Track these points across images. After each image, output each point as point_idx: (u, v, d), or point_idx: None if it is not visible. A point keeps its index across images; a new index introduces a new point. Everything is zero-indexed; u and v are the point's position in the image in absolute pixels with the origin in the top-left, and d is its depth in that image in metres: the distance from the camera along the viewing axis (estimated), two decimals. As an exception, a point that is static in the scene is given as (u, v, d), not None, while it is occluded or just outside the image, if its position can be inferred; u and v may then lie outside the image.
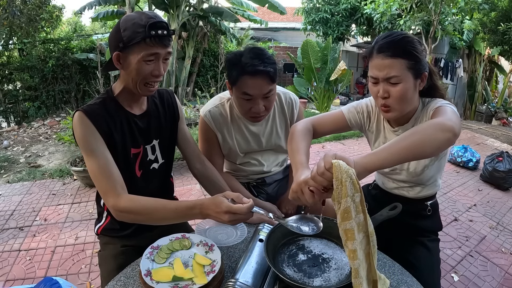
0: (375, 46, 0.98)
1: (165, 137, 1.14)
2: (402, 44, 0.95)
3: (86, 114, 0.93)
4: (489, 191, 3.26)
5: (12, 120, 6.42)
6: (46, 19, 6.58)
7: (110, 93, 1.02)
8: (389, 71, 0.94)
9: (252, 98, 1.15)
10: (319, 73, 7.61)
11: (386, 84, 0.96)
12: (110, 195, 0.90)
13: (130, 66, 0.93)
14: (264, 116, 1.24)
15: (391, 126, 1.12)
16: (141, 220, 0.93)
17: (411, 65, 0.94)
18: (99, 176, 0.91)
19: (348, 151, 4.36)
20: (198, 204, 0.85)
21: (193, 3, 6.40)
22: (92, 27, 15.75)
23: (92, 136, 0.93)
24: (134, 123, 1.03)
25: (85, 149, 0.93)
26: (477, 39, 7.27)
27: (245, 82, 1.12)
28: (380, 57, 0.95)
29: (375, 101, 1.04)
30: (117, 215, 0.91)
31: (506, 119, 7.03)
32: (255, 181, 1.50)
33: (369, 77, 1.00)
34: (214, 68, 7.89)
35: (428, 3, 5.28)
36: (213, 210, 0.82)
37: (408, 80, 0.95)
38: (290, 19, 13.25)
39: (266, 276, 0.82)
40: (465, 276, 1.99)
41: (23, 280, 1.88)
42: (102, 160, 0.92)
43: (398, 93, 0.95)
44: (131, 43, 0.89)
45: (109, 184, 0.91)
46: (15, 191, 3.11)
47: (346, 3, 7.86)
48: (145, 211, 0.89)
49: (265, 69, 1.10)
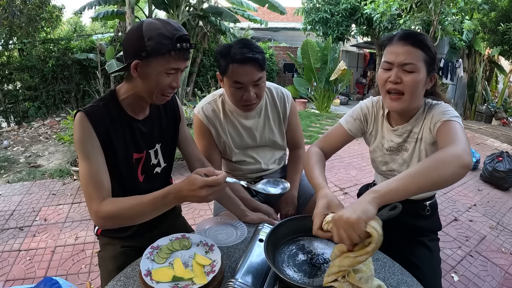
0: (396, 35, 1.01)
1: (167, 140, 1.13)
2: (422, 38, 0.98)
3: (87, 116, 0.91)
4: (489, 191, 3.26)
5: (12, 120, 6.43)
6: (46, 19, 6.58)
7: (114, 96, 0.99)
8: (406, 57, 0.96)
9: (243, 86, 1.19)
10: (319, 73, 7.62)
11: (400, 70, 0.98)
12: (94, 201, 0.88)
13: (150, 76, 0.91)
14: (256, 105, 1.28)
15: (391, 125, 1.12)
16: (123, 221, 0.89)
17: (427, 59, 0.98)
18: (88, 181, 0.89)
19: (348, 151, 4.36)
20: (172, 189, 0.82)
21: (193, 3, 6.40)
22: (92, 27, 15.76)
23: (89, 140, 0.91)
24: (137, 128, 1.02)
25: (80, 151, 0.92)
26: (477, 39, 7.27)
27: (235, 71, 1.16)
28: (401, 44, 0.98)
29: (382, 89, 1.04)
30: (99, 223, 0.89)
31: (506, 119, 7.04)
32: (253, 180, 1.50)
33: (383, 62, 1.02)
34: (214, 68, 7.89)
35: (428, 3, 5.27)
36: (188, 189, 0.79)
37: (421, 72, 0.97)
38: (290, 19, 13.25)
39: (266, 276, 0.82)
40: (465, 276, 1.99)
41: (23, 280, 1.88)
42: (94, 166, 0.91)
43: (411, 82, 0.97)
44: (154, 54, 0.87)
45: (95, 191, 0.89)
46: (15, 191, 3.11)
47: (346, 3, 7.86)
48: (123, 211, 0.86)
49: (253, 56, 1.14)
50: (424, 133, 1.06)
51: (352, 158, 4.10)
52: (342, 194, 3.08)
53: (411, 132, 1.09)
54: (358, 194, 1.51)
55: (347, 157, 4.13)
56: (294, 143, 1.54)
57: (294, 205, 1.43)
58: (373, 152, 1.20)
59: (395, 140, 1.12)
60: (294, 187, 1.45)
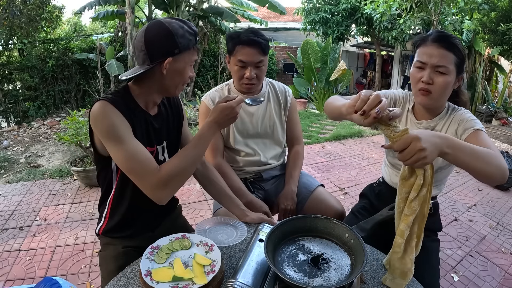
0: (430, 36, 1.05)
1: (172, 138, 1.15)
2: (456, 42, 1.04)
3: (111, 103, 0.92)
4: (489, 191, 3.26)
5: (12, 120, 6.43)
6: (46, 19, 6.58)
7: (128, 92, 1.01)
8: (440, 60, 1.02)
9: (245, 65, 1.33)
10: (319, 73, 7.62)
11: (433, 71, 1.03)
12: (149, 174, 0.90)
13: (178, 70, 0.97)
14: (255, 85, 1.40)
15: (416, 118, 1.18)
16: (184, 175, 0.95)
17: (458, 62, 1.04)
18: (133, 160, 0.90)
19: (348, 151, 4.36)
20: (209, 123, 0.98)
21: (193, 3, 6.40)
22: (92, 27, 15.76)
23: (121, 123, 0.92)
24: (150, 123, 1.04)
25: (113, 136, 0.90)
26: (477, 39, 7.26)
27: (240, 51, 1.31)
28: (435, 46, 1.03)
29: (414, 87, 1.09)
30: (160, 194, 0.92)
31: (506, 119, 7.03)
32: (252, 176, 1.51)
33: (416, 61, 1.07)
34: (214, 68, 7.89)
35: (428, 3, 5.27)
36: (224, 115, 0.97)
37: (452, 74, 1.04)
38: (290, 19, 13.25)
39: (266, 276, 0.82)
40: (465, 276, 1.99)
41: (23, 280, 1.88)
42: (133, 144, 0.91)
43: (442, 83, 1.03)
44: (184, 50, 0.95)
45: (146, 164, 0.91)
46: (15, 191, 3.11)
47: (346, 3, 7.86)
48: (182, 163, 0.93)
49: (257, 40, 1.30)
50: (448, 133, 1.11)
51: (352, 158, 4.10)
52: (342, 194, 3.08)
53: (433, 129, 1.14)
54: (361, 194, 1.51)
55: (347, 157, 4.13)
56: (293, 138, 1.58)
57: (293, 201, 1.43)
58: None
59: None
60: (294, 182, 1.47)
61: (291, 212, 1.42)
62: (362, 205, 1.42)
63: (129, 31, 4.93)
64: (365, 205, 1.40)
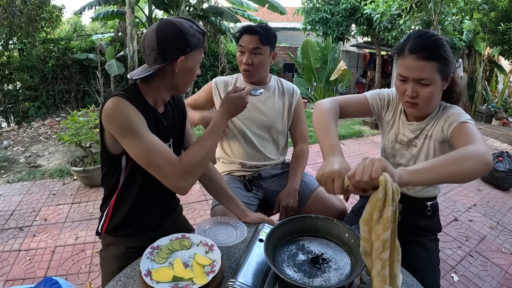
0: (407, 45, 0.98)
1: (177, 136, 1.16)
2: (435, 47, 0.96)
3: (126, 99, 0.93)
4: (489, 191, 3.26)
5: (12, 120, 6.43)
6: (46, 19, 6.59)
7: (137, 90, 1.02)
8: (420, 73, 0.95)
9: (243, 50, 1.42)
10: (319, 73, 7.62)
11: (416, 84, 0.98)
12: (170, 166, 0.92)
13: (189, 68, 1.00)
14: (251, 73, 1.45)
15: (407, 119, 1.16)
16: (203, 162, 0.99)
17: (441, 67, 0.96)
18: (152, 153, 0.91)
19: (348, 151, 4.36)
20: (221, 113, 1.03)
21: (193, 3, 6.40)
22: (92, 27, 15.75)
23: (137, 116, 0.93)
24: (159, 120, 1.05)
25: (129, 130, 0.91)
26: (477, 39, 7.27)
27: (242, 38, 1.43)
28: (413, 58, 0.96)
29: (401, 98, 1.06)
30: (183, 183, 0.94)
31: (506, 119, 7.03)
32: (251, 175, 1.51)
33: (398, 74, 1.02)
34: (214, 68, 7.89)
35: (428, 3, 5.27)
36: (235, 105, 1.03)
37: (437, 82, 0.98)
38: (290, 19, 13.26)
39: (266, 276, 0.82)
40: (465, 276, 1.99)
41: (23, 280, 1.88)
42: (150, 137, 0.93)
43: (427, 94, 0.98)
44: (196, 48, 0.98)
45: (166, 156, 0.93)
46: (15, 191, 3.11)
47: (346, 3, 7.86)
48: (201, 153, 0.97)
49: (257, 29, 1.40)
50: (434, 131, 1.09)
51: (352, 158, 4.10)
52: (342, 194, 3.08)
53: (424, 129, 1.12)
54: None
55: (347, 157, 4.12)
56: (299, 136, 1.59)
57: (295, 198, 1.43)
58: (386, 141, 1.23)
59: (408, 135, 1.15)
60: (296, 180, 1.47)
61: (293, 210, 1.42)
62: (362, 204, 1.42)
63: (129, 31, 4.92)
64: (365, 204, 1.40)
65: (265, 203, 1.55)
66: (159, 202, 1.14)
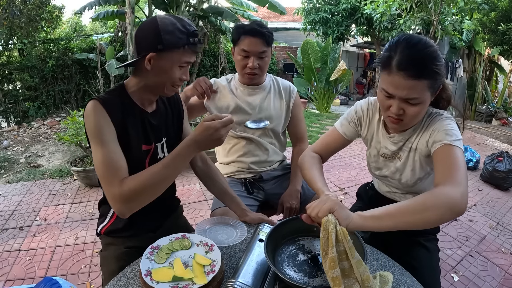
0: (394, 59, 0.85)
1: (172, 135, 1.15)
2: (428, 62, 0.85)
3: (101, 103, 0.92)
4: (489, 191, 3.26)
5: (12, 120, 6.42)
6: (46, 19, 6.58)
7: (124, 89, 1.01)
8: (409, 93, 0.86)
9: (248, 55, 1.35)
10: (319, 73, 7.62)
11: (403, 102, 0.89)
12: (114, 185, 0.86)
13: (163, 68, 0.94)
14: (257, 76, 1.41)
15: (387, 132, 1.09)
16: (148, 194, 0.88)
17: (432, 84, 0.87)
18: (105, 166, 0.88)
19: (348, 151, 4.36)
20: (188, 142, 0.88)
21: (193, 3, 6.39)
22: (92, 27, 15.75)
23: (106, 126, 0.91)
24: (147, 120, 1.03)
25: (95, 138, 0.90)
26: (477, 39, 7.27)
27: (244, 40, 1.34)
28: (402, 76, 0.84)
29: (383, 112, 0.97)
30: (121, 207, 0.87)
31: (506, 119, 7.03)
32: (252, 177, 1.51)
33: (382, 89, 0.91)
34: (214, 68, 7.89)
35: (428, 3, 5.27)
36: (206, 135, 0.85)
37: (427, 99, 0.90)
38: (290, 19, 13.25)
39: (266, 276, 0.82)
40: (465, 276, 1.99)
41: (23, 280, 1.88)
42: (111, 150, 0.90)
43: (414, 113, 0.90)
44: (170, 48, 0.91)
45: (115, 173, 0.88)
46: (15, 191, 3.11)
47: (346, 3, 7.86)
48: (147, 182, 0.86)
49: (261, 30, 1.32)
50: (419, 145, 1.02)
51: (352, 158, 4.10)
52: (342, 194, 3.08)
53: (407, 141, 1.06)
54: (357, 194, 1.51)
55: (347, 157, 4.13)
56: (297, 136, 1.58)
57: (298, 200, 1.43)
58: (369, 155, 1.20)
59: (390, 148, 1.10)
60: (298, 181, 1.47)
61: (296, 212, 1.42)
62: (359, 206, 1.42)
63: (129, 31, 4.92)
64: (361, 206, 1.40)
65: (266, 204, 1.55)
66: (158, 203, 1.13)
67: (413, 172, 1.08)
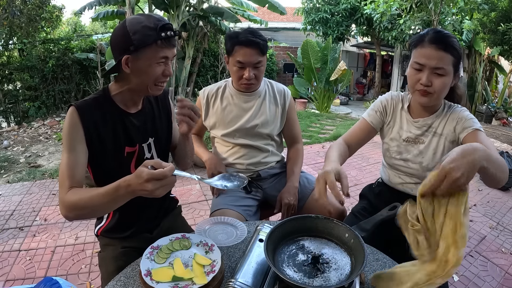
0: (427, 37, 1.04)
1: (161, 135, 1.14)
2: (453, 41, 1.04)
3: (76, 109, 0.95)
4: (489, 191, 3.26)
5: (12, 120, 6.42)
6: (46, 19, 6.58)
7: (106, 92, 1.01)
8: (438, 62, 1.02)
9: (244, 65, 1.33)
10: (319, 73, 7.62)
11: (431, 73, 1.04)
12: (63, 190, 0.90)
13: (142, 68, 0.94)
14: (254, 85, 1.41)
15: (412, 116, 1.21)
16: (84, 212, 0.88)
17: (455, 62, 1.04)
18: (63, 171, 0.92)
19: (348, 151, 4.36)
20: (122, 182, 0.78)
21: (193, 3, 6.39)
22: (92, 27, 15.77)
23: (75, 133, 0.94)
24: (129, 121, 1.03)
25: (64, 143, 0.95)
26: (477, 39, 7.27)
27: (239, 51, 1.32)
28: (433, 48, 1.02)
29: (412, 87, 1.11)
30: (63, 212, 0.89)
31: (506, 119, 7.03)
32: (250, 176, 1.51)
33: (414, 63, 1.07)
34: (214, 68, 7.89)
35: (428, 3, 5.28)
36: (136, 183, 0.75)
37: (450, 74, 1.05)
38: (290, 19, 13.25)
39: (266, 276, 0.82)
40: (465, 276, 1.99)
41: (23, 280, 1.88)
42: (73, 158, 0.93)
43: (441, 84, 1.04)
44: (142, 46, 0.91)
45: (67, 180, 0.91)
46: (15, 191, 3.11)
47: (346, 3, 7.87)
48: (83, 202, 0.86)
49: (255, 40, 1.30)
50: (445, 130, 1.14)
51: (352, 158, 4.10)
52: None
53: (430, 126, 1.17)
54: (360, 195, 1.51)
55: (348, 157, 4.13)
56: (292, 137, 1.59)
57: (296, 196, 1.43)
58: (389, 142, 1.27)
59: (414, 132, 1.20)
60: (295, 178, 1.48)
61: (294, 209, 1.42)
62: (363, 206, 1.42)
63: (129, 31, 4.91)
64: (365, 206, 1.40)
65: (265, 203, 1.56)
66: (154, 203, 1.13)
67: (434, 155, 1.17)
